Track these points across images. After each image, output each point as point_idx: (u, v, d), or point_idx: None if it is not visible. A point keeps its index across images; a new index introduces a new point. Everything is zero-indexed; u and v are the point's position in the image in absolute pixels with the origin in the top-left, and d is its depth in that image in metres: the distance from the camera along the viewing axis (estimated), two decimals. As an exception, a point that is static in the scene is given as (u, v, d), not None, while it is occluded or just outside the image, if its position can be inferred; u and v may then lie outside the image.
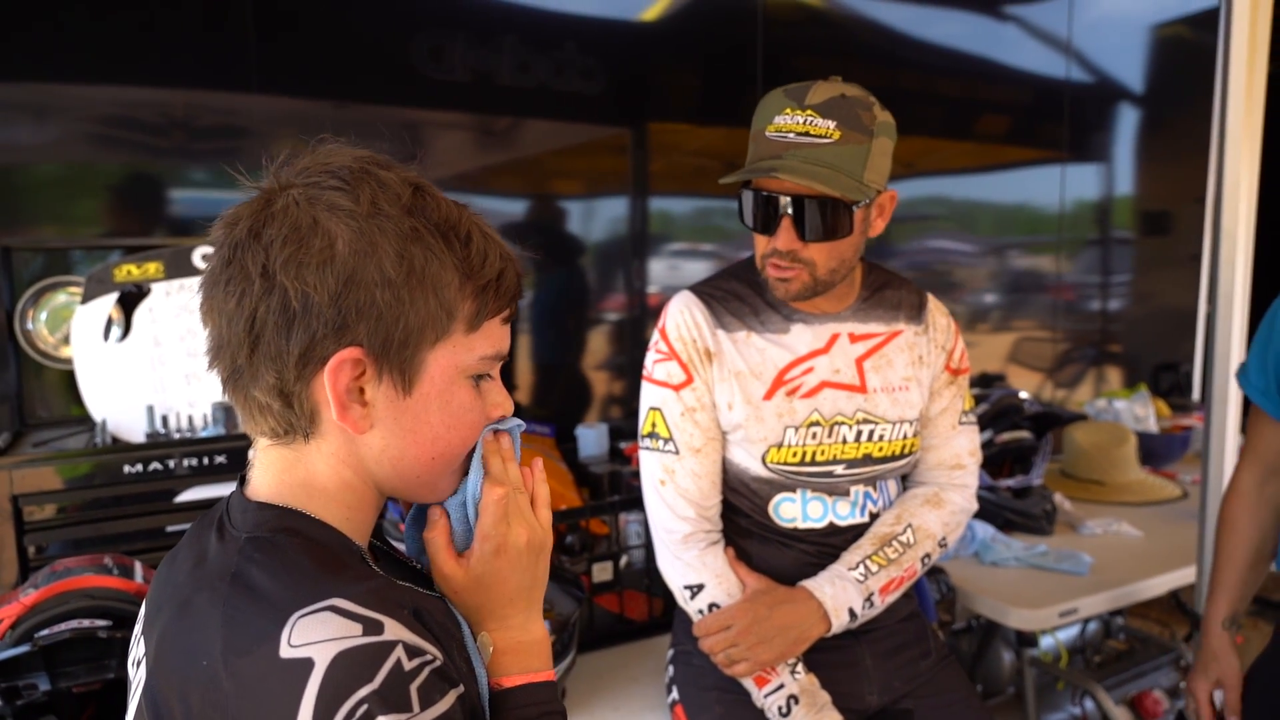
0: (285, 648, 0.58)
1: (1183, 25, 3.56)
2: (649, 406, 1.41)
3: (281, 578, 0.62)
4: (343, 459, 0.70)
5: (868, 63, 2.87)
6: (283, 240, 0.63)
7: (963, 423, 1.50)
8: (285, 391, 0.66)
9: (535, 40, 2.30)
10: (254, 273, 0.64)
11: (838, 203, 1.26)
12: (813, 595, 1.35)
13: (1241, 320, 1.68)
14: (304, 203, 0.65)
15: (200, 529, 0.72)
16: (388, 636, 0.59)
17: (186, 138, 1.98)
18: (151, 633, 0.69)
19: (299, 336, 0.64)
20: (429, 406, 0.69)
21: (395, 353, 0.67)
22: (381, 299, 0.65)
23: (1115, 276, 3.63)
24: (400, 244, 0.65)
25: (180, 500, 1.51)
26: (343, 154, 0.68)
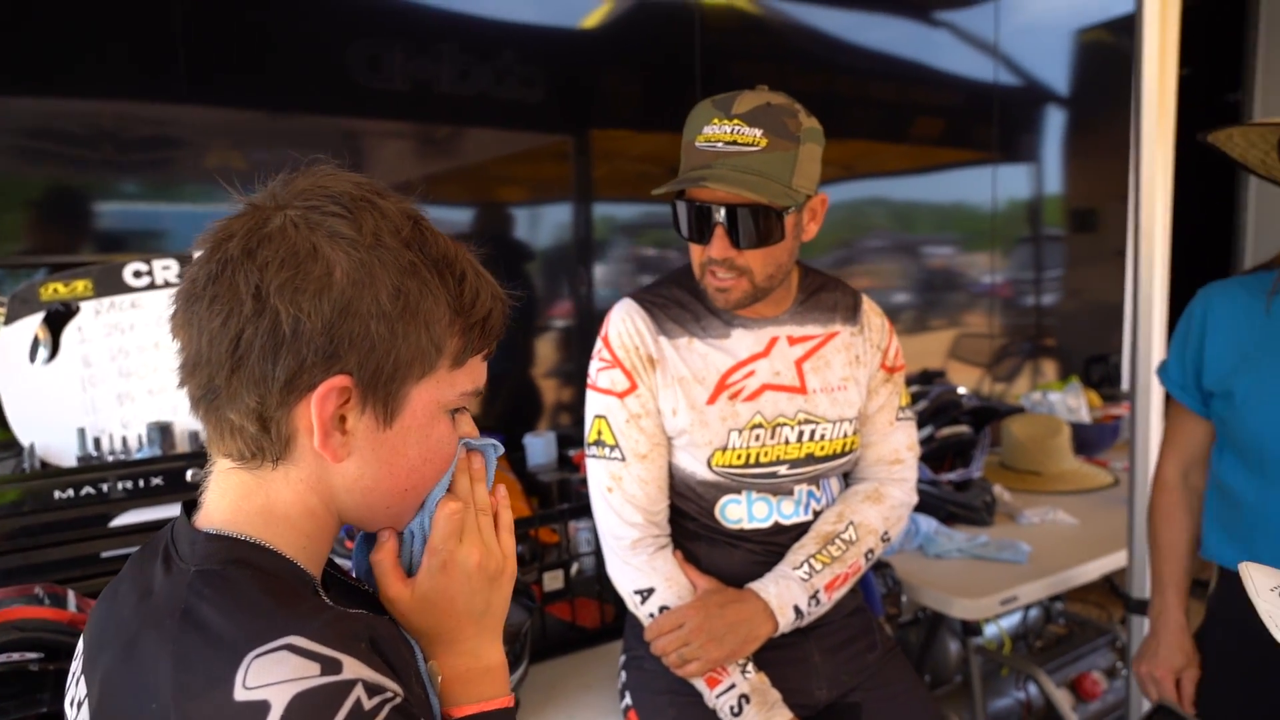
0: (240, 690, 0.56)
1: (1103, 30, 3.68)
2: (594, 414, 1.42)
3: (234, 615, 0.60)
4: (311, 485, 0.68)
5: (805, 68, 2.92)
6: (280, 263, 0.62)
7: (900, 418, 1.53)
8: (264, 416, 0.65)
9: (475, 48, 2.29)
10: (245, 293, 0.62)
11: (768, 209, 1.29)
12: (758, 595, 1.37)
13: (1161, 314, 1.74)
14: (304, 226, 0.64)
15: (144, 559, 0.70)
16: (347, 675, 0.58)
17: (115, 150, 1.92)
18: (94, 672, 0.66)
19: (286, 362, 0.63)
20: (408, 439, 0.69)
21: (382, 385, 0.66)
22: (375, 331, 0.64)
23: (1047, 272, 3.74)
24: (398, 277, 0.65)
25: (115, 525, 1.47)
26: (342, 179, 0.68)
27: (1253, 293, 1.38)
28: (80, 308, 1.66)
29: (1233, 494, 1.41)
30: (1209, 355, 1.42)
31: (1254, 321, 1.37)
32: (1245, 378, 1.36)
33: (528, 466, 2.25)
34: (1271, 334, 1.34)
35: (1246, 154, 1.40)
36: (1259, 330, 1.36)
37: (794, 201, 1.30)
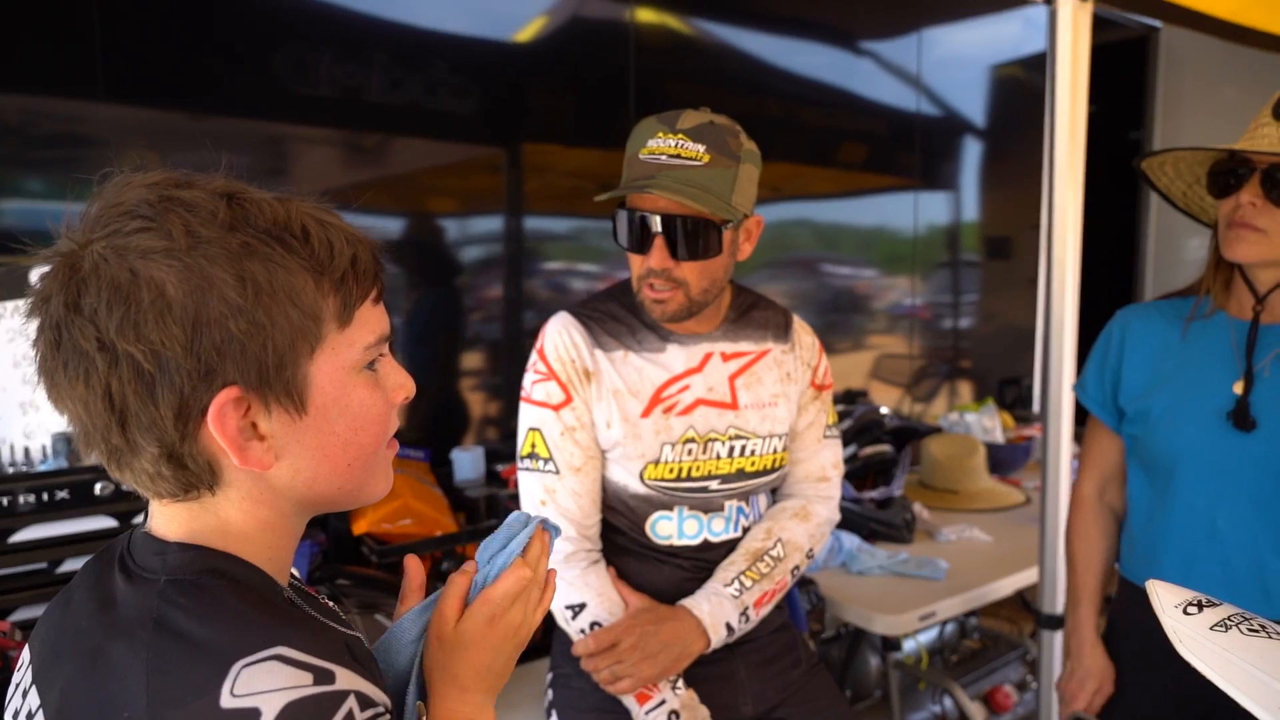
0: (227, 697, 0.54)
1: (1017, 66, 3.85)
2: (528, 427, 1.41)
3: (216, 624, 0.59)
4: (256, 499, 0.66)
5: (736, 90, 2.97)
6: (107, 305, 0.58)
7: (827, 437, 1.57)
8: (174, 455, 0.61)
9: (406, 57, 2.26)
10: (90, 349, 0.58)
11: (708, 222, 1.31)
12: (691, 613, 1.38)
13: (1072, 339, 1.82)
14: (113, 256, 0.58)
15: (98, 569, 0.67)
16: (340, 686, 0.57)
17: (21, 145, 1.84)
18: (49, 683, 0.63)
19: (166, 397, 0.59)
20: (329, 417, 0.66)
21: (274, 378, 0.62)
22: (237, 329, 0.59)
23: (964, 296, 3.88)
24: (235, 265, 0.59)
25: (17, 540, 1.39)
26: (133, 185, 0.61)
27: (1168, 318, 1.46)
28: (-19, 311, 1.58)
29: (1140, 508, 1.48)
30: (1126, 375, 1.49)
31: (1170, 345, 1.44)
32: (1159, 397, 1.43)
33: (455, 481, 2.21)
34: (1187, 357, 1.42)
35: (1171, 186, 1.49)
36: (1174, 353, 1.43)
37: (733, 217, 1.33)
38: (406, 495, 1.83)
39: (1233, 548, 1.34)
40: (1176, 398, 1.41)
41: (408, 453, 2.17)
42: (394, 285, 2.37)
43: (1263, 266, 1.33)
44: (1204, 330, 1.41)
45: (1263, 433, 1.31)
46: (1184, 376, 1.41)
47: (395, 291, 2.37)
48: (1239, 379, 1.33)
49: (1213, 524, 1.36)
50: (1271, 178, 1.25)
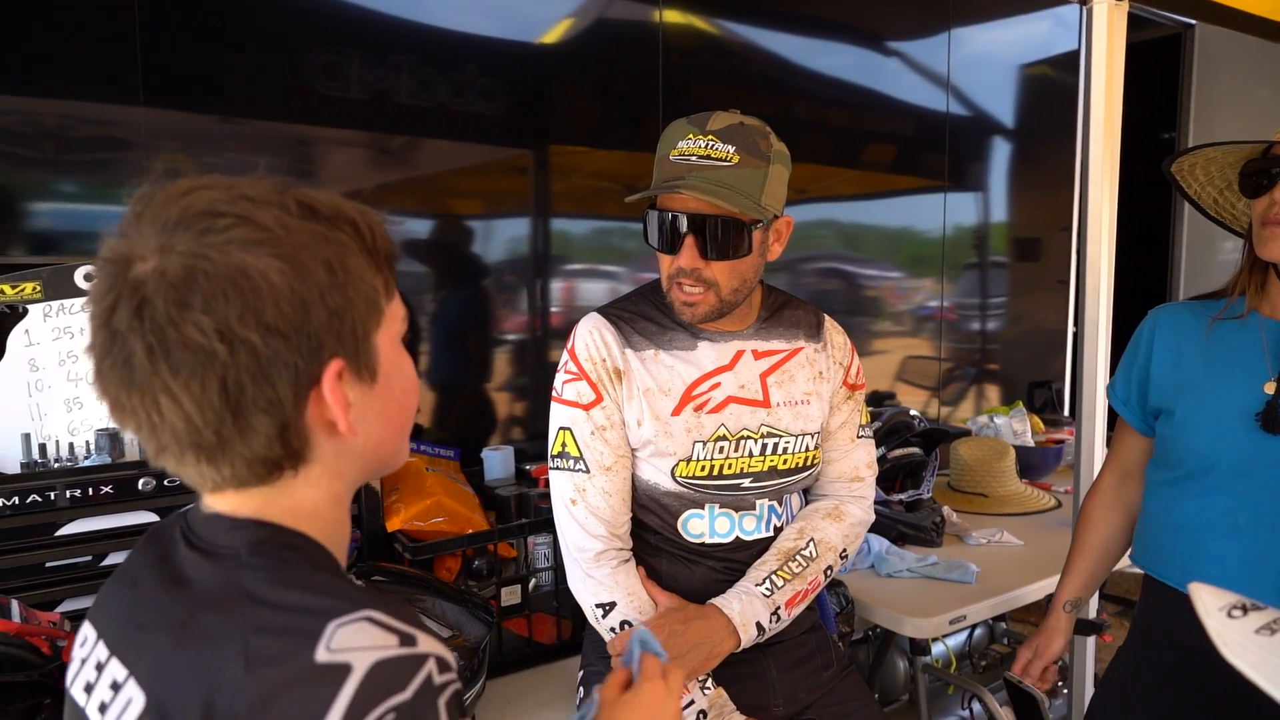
0: (323, 652, 0.59)
1: (1046, 65, 3.82)
2: (559, 426, 1.42)
3: (306, 590, 0.64)
4: (333, 473, 0.71)
5: (762, 92, 2.97)
6: (223, 296, 0.61)
7: (860, 437, 1.57)
8: (286, 432, 0.66)
9: (435, 60, 2.28)
10: (207, 342, 0.61)
11: (738, 222, 1.32)
12: (721, 611, 1.38)
13: (1105, 342, 1.81)
14: (214, 254, 0.62)
15: (158, 549, 0.71)
16: (421, 649, 0.62)
17: (56, 149, 1.87)
18: (135, 655, 0.67)
19: (284, 376, 0.64)
20: (390, 384, 0.72)
21: (361, 349, 0.69)
22: (334, 306, 0.66)
23: (992, 299, 3.84)
24: (320, 249, 0.65)
25: (62, 534, 1.42)
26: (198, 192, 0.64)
27: (1199, 318, 1.45)
28: (28, 310, 1.61)
29: (1157, 502, 1.47)
30: (1154, 374, 1.49)
31: (1197, 345, 1.44)
32: (1185, 398, 1.42)
33: (485, 480, 2.23)
34: (1215, 357, 1.41)
35: (1201, 192, 1.47)
36: (1203, 353, 1.43)
37: (762, 216, 1.34)
38: (439, 493, 1.84)
39: (1251, 547, 1.34)
40: (1204, 398, 1.40)
41: (439, 452, 2.19)
42: (421, 286, 2.39)
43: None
44: (1236, 331, 1.40)
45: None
46: (1213, 377, 1.40)
47: (423, 292, 2.39)
48: (1270, 379, 1.32)
49: (1234, 522, 1.36)
50: None
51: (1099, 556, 1.61)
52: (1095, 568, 1.62)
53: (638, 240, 1.40)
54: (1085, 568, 1.62)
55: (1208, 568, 1.38)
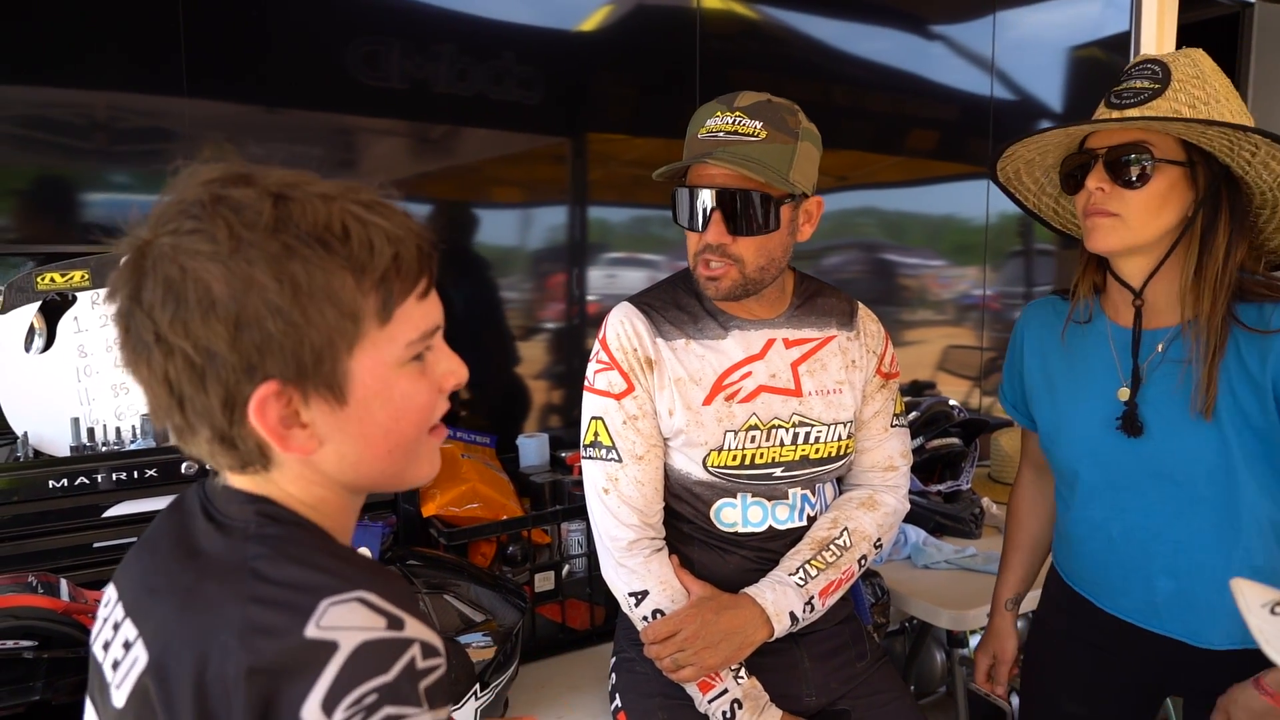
0: (312, 628, 0.61)
1: (1095, 48, 3.72)
2: (591, 416, 1.43)
3: (306, 566, 0.65)
4: (308, 480, 0.72)
5: (802, 77, 2.94)
6: (161, 300, 0.63)
7: (894, 426, 1.55)
8: (225, 438, 0.67)
9: (473, 49, 2.29)
10: (149, 339, 0.64)
11: (765, 196, 1.31)
12: (755, 601, 1.38)
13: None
14: (169, 254, 0.63)
15: (179, 517, 0.74)
16: (408, 634, 0.63)
17: (108, 140, 1.91)
18: (144, 616, 0.69)
19: (214, 388, 0.64)
20: (370, 408, 0.69)
21: (312, 372, 0.66)
22: (276, 329, 0.63)
23: (1038, 287, 3.77)
24: (275, 267, 0.62)
25: (108, 515, 1.46)
26: (195, 180, 0.66)
27: (1062, 316, 1.41)
28: (77, 298, 1.66)
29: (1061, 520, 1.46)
30: (1026, 379, 1.46)
31: (1056, 349, 1.40)
32: (1047, 408, 1.41)
33: (520, 467, 2.25)
34: (1070, 363, 1.38)
35: (1039, 203, 1.45)
36: (1060, 359, 1.40)
37: (791, 191, 1.32)
38: (474, 480, 1.86)
39: (1126, 560, 1.32)
40: (1065, 407, 1.37)
41: (474, 438, 2.21)
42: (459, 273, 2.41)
43: (1127, 257, 1.28)
44: (1086, 335, 1.36)
45: (1148, 442, 1.27)
46: (1068, 384, 1.37)
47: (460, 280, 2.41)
48: (1123, 385, 1.29)
49: (1109, 535, 1.34)
50: (1114, 162, 1.21)
51: (1030, 550, 1.60)
52: (1029, 561, 1.60)
53: (676, 229, 1.39)
54: (1019, 562, 1.60)
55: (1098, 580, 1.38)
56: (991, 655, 1.62)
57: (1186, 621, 1.29)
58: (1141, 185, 1.20)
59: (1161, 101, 1.20)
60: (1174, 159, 1.20)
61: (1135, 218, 1.22)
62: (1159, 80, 1.22)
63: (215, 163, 0.67)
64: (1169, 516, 1.27)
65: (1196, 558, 1.26)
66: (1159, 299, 1.28)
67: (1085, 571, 1.41)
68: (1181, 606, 1.29)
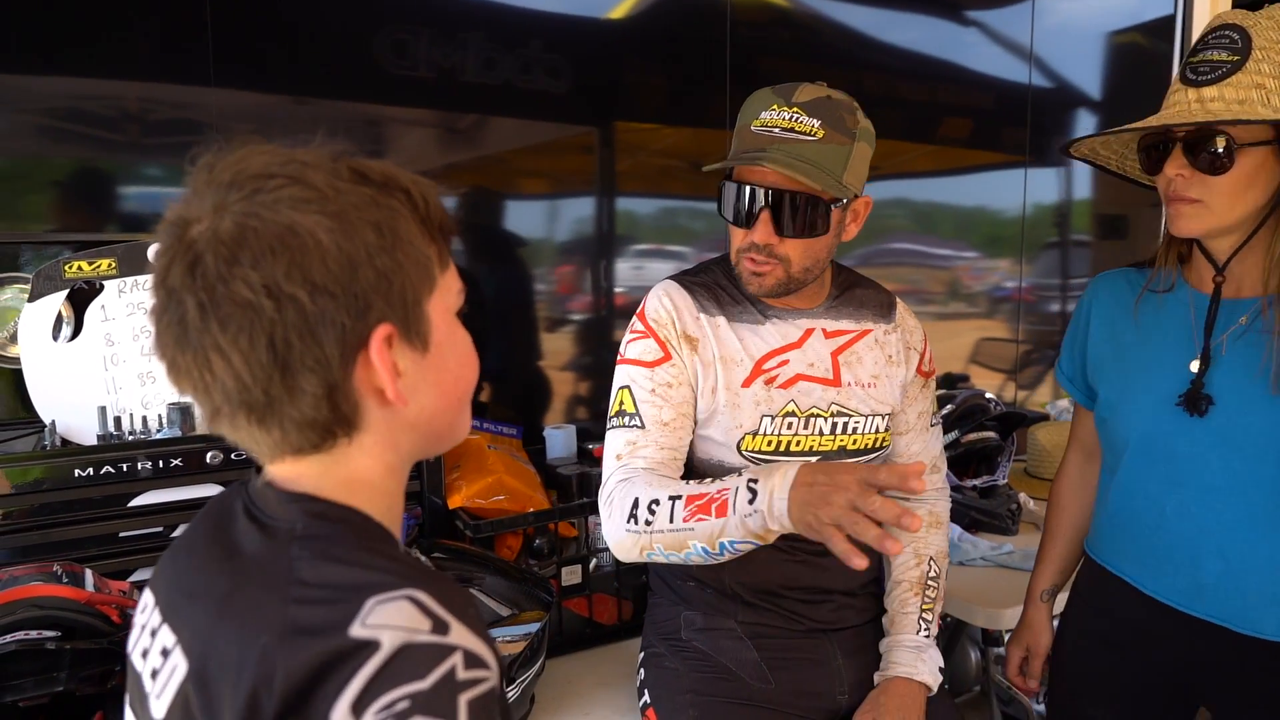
0: (358, 626, 0.59)
1: (1137, 33, 3.63)
2: (619, 386, 1.38)
3: (352, 565, 0.63)
4: (386, 444, 0.70)
5: (834, 65, 2.89)
6: (270, 253, 0.62)
7: (933, 425, 1.54)
8: (333, 394, 0.66)
9: (501, 37, 2.27)
10: (254, 297, 0.61)
11: (817, 199, 1.28)
12: (913, 680, 1.41)
13: (1201, 322, 1.70)
14: (265, 212, 0.63)
15: (217, 520, 0.72)
16: (451, 640, 0.60)
17: (140, 132, 1.91)
18: (182, 621, 0.68)
19: (330, 335, 0.64)
20: (444, 354, 0.72)
21: (411, 314, 0.68)
22: (383, 268, 0.65)
23: (1074, 279, 3.69)
24: (369, 212, 0.65)
25: (135, 505, 1.46)
26: (253, 156, 0.66)
27: (1134, 287, 1.35)
28: (104, 286, 1.65)
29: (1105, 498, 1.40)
30: (1090, 350, 1.41)
31: (1128, 319, 1.35)
32: (1112, 378, 1.35)
33: (547, 459, 2.23)
34: (1143, 334, 1.32)
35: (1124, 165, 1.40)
36: (1131, 329, 1.34)
37: (843, 195, 1.29)
38: (500, 471, 1.84)
39: (1178, 539, 1.26)
40: (1130, 378, 1.32)
41: (501, 430, 2.19)
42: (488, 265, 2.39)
43: (1213, 238, 1.22)
44: (1164, 304, 1.31)
45: (1218, 415, 1.21)
46: (1139, 355, 1.31)
47: (489, 271, 2.39)
48: (1195, 357, 1.23)
49: (1162, 512, 1.28)
50: (1192, 147, 1.15)
51: (1071, 540, 1.53)
52: (1068, 553, 1.54)
53: (705, 220, 1.36)
54: (1058, 554, 1.54)
55: (1143, 559, 1.32)
56: (1024, 648, 1.56)
57: (1232, 605, 1.23)
58: (1224, 171, 1.14)
59: (1242, 76, 1.13)
60: (1260, 140, 1.13)
61: (1219, 203, 1.16)
62: (1238, 50, 1.13)
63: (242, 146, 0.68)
64: (1227, 494, 1.21)
65: (1250, 539, 1.21)
66: (1246, 271, 1.23)
67: (1129, 549, 1.35)
68: (1228, 590, 1.23)
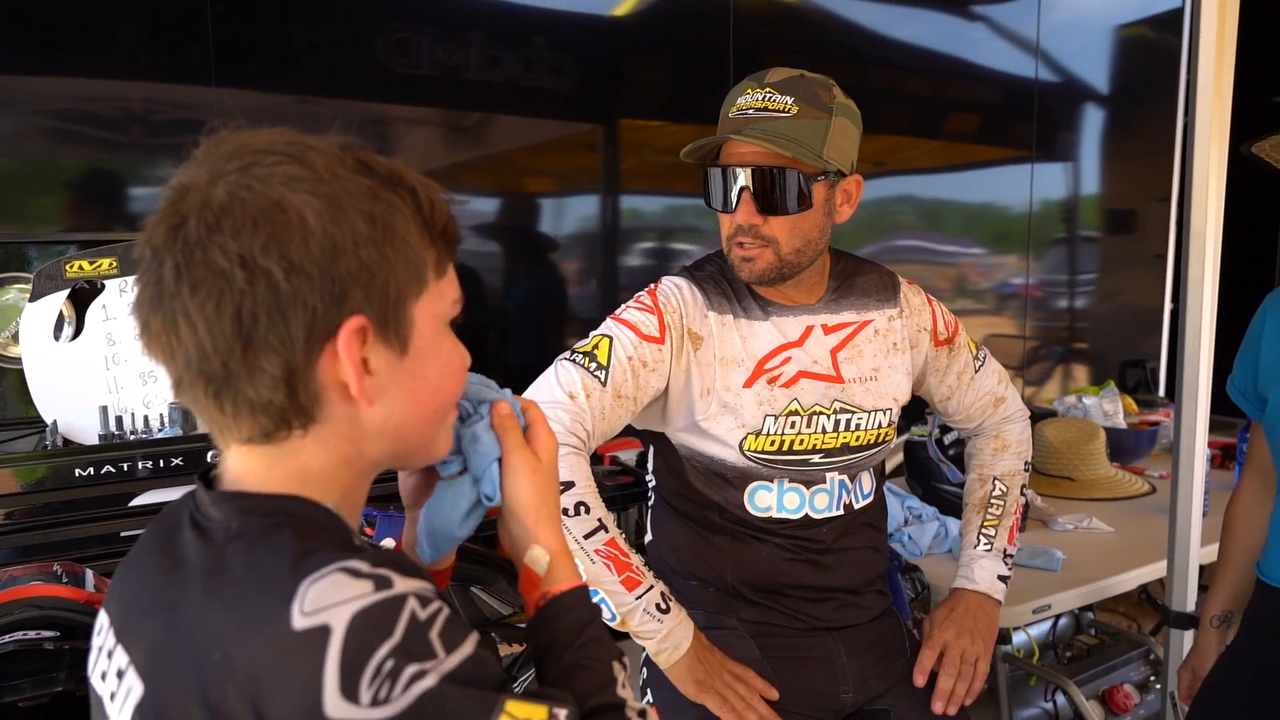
0: (298, 618, 0.56)
1: (1145, 26, 3.60)
2: (599, 334, 1.34)
3: (281, 553, 0.61)
4: (344, 436, 0.68)
5: (838, 61, 2.87)
6: (252, 225, 0.60)
7: (978, 368, 1.56)
8: (291, 380, 0.63)
9: (504, 35, 2.26)
10: (229, 265, 0.60)
11: (797, 174, 1.27)
12: (967, 589, 1.47)
13: (1210, 317, 1.68)
14: (257, 184, 0.61)
15: (164, 531, 0.69)
16: (398, 590, 0.59)
17: (145, 133, 1.92)
18: (134, 641, 0.66)
19: (298, 317, 0.62)
20: (424, 361, 0.69)
21: (391, 313, 0.66)
22: (367, 259, 0.63)
23: (1082, 275, 3.67)
24: (364, 203, 0.64)
25: (136, 504, 1.46)
26: (259, 135, 0.65)
27: None
28: (105, 285, 1.65)
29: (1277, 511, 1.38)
30: (1264, 357, 1.40)
31: None
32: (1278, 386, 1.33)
33: (551, 458, 2.22)
34: None
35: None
36: None
37: (823, 168, 1.28)
38: (503, 470, 1.83)
39: None
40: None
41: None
42: (493, 264, 2.38)
43: None
44: None
45: None
46: None
47: (493, 270, 2.38)
48: None
49: None
50: None
51: (1243, 568, 1.50)
52: (1241, 579, 1.51)
53: (710, 218, 1.35)
54: (1231, 579, 1.52)
55: None
56: (1192, 671, 1.56)
57: None
58: None
59: None
60: None
61: None
62: None
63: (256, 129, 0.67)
64: None
65: None
66: None
67: None
68: None
